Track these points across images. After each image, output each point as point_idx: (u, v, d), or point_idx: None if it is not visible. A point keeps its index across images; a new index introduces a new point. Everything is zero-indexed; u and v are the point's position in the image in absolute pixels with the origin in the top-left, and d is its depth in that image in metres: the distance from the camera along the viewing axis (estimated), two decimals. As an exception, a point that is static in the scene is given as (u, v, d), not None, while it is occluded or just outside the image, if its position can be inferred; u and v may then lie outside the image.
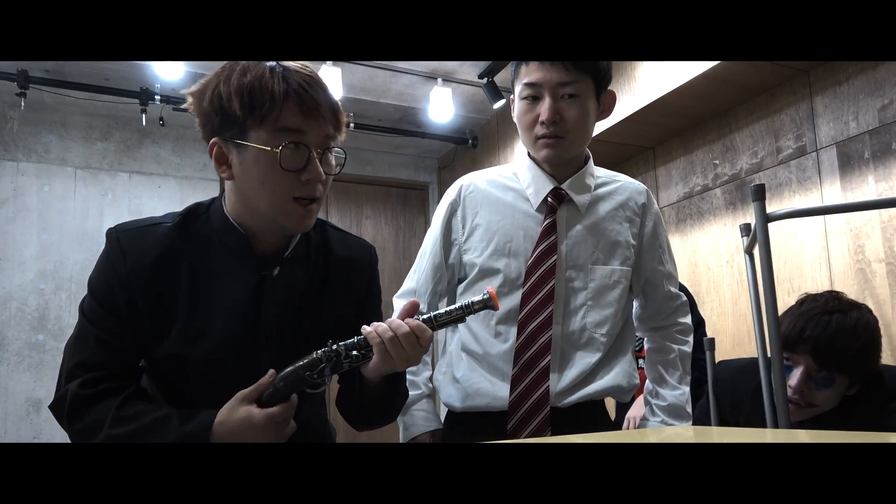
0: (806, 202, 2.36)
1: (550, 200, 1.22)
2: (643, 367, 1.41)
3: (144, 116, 3.28)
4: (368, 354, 0.90)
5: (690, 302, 1.57)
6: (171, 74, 3.06)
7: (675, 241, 2.92)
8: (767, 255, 1.31)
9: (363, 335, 0.90)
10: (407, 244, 4.36)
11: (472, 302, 0.91)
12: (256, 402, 0.89)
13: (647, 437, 0.98)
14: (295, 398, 0.91)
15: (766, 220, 1.31)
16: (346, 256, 1.04)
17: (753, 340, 1.69)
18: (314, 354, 0.89)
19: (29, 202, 3.38)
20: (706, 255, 2.79)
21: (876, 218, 2.11)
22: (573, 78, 1.15)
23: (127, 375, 0.93)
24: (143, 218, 0.97)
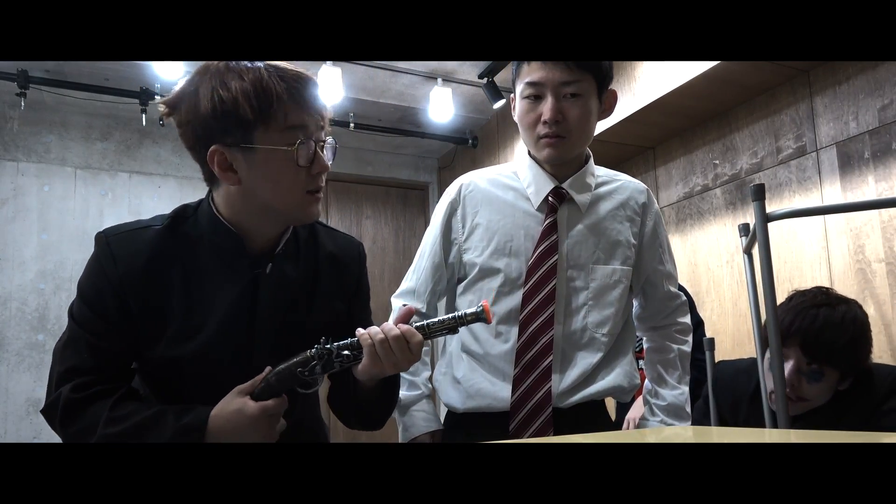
0: (806, 202, 2.36)
1: (551, 200, 1.22)
2: (642, 367, 1.41)
3: (144, 116, 3.28)
4: (359, 356, 0.91)
5: (689, 303, 1.57)
6: (171, 74, 3.06)
7: (675, 241, 2.92)
8: (767, 254, 1.31)
9: (357, 337, 0.91)
10: (407, 244, 4.36)
11: (465, 314, 0.92)
12: (250, 395, 0.90)
13: (646, 437, 0.98)
14: (285, 397, 0.91)
15: (765, 219, 1.31)
16: (335, 253, 1.06)
17: (753, 340, 1.69)
18: (307, 353, 0.90)
19: (29, 202, 3.38)
20: (706, 255, 2.79)
21: (876, 218, 2.11)
22: (575, 77, 1.15)
23: (118, 378, 0.93)
24: (130, 221, 0.97)
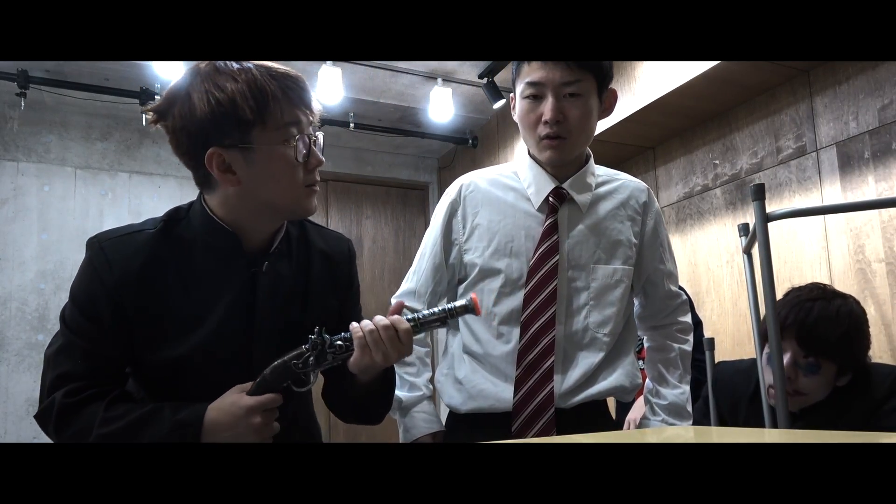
0: (806, 202, 2.36)
1: (552, 200, 1.22)
2: (643, 367, 1.40)
3: (144, 116, 3.27)
4: (352, 346, 0.92)
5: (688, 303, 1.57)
6: (171, 74, 3.06)
7: (675, 241, 2.92)
8: (767, 254, 1.31)
9: (350, 331, 0.93)
10: (407, 244, 4.36)
11: (455, 306, 0.94)
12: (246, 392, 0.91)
13: (647, 437, 0.98)
14: (280, 394, 0.92)
15: (765, 219, 1.31)
16: (325, 250, 1.07)
17: (753, 340, 1.69)
18: (302, 347, 0.92)
19: (29, 202, 3.38)
20: (706, 255, 2.79)
21: (876, 218, 2.11)
22: (576, 77, 1.15)
23: (112, 382, 0.93)
24: (121, 226, 0.97)
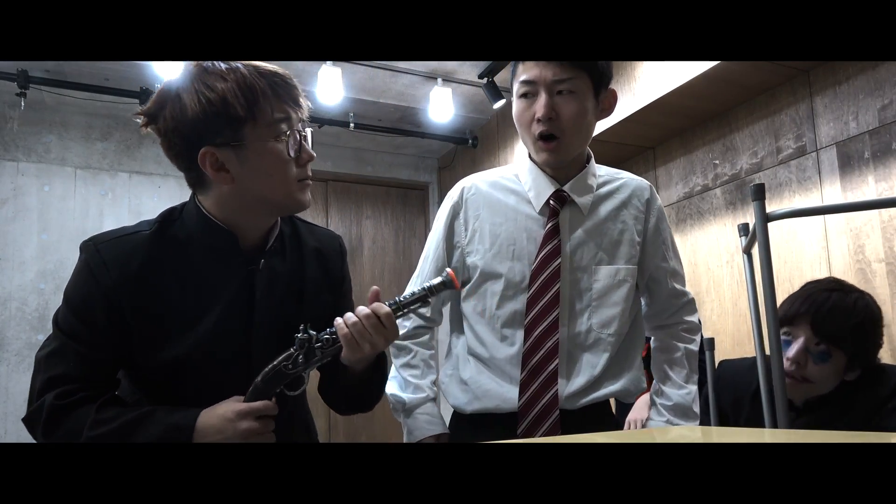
0: (806, 202, 2.36)
1: (552, 203, 1.22)
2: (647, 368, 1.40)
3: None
4: (339, 340, 0.93)
5: None
6: (171, 74, 3.05)
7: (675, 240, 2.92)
8: (767, 255, 1.31)
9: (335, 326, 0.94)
10: (407, 244, 4.35)
11: (433, 284, 0.96)
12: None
13: (646, 437, 0.98)
14: (274, 401, 0.92)
15: (765, 219, 1.31)
16: (317, 247, 1.08)
17: (753, 340, 1.69)
18: (290, 350, 0.93)
19: (29, 202, 3.38)
20: (706, 255, 2.79)
21: (876, 218, 2.11)
22: (568, 75, 1.14)
23: (104, 386, 0.92)
24: (116, 229, 0.96)
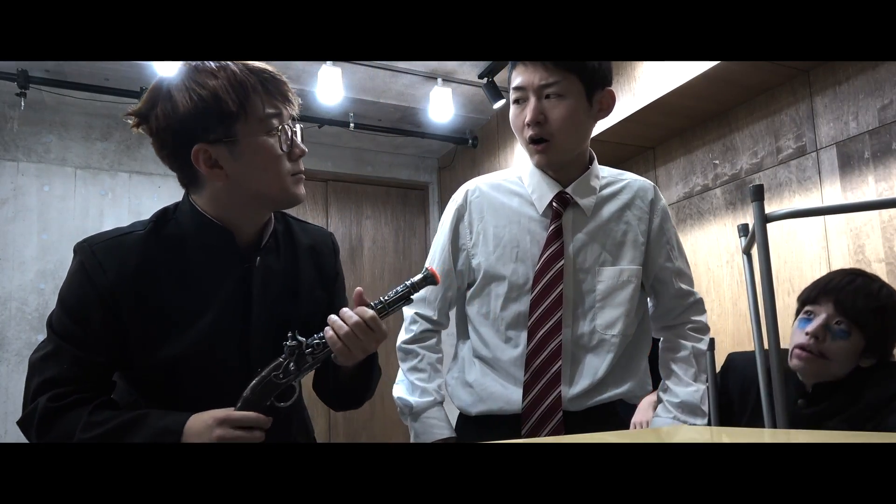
0: (806, 202, 2.36)
1: (555, 205, 1.22)
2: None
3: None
4: (328, 345, 0.93)
5: None
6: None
7: (675, 241, 2.92)
8: (766, 255, 1.31)
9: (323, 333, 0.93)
10: (407, 244, 4.35)
11: (414, 280, 0.97)
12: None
13: (646, 437, 0.98)
14: (262, 415, 0.90)
15: (764, 220, 1.31)
16: (310, 244, 1.09)
17: (753, 341, 1.69)
18: (279, 359, 0.92)
19: (29, 202, 3.38)
20: (706, 255, 2.79)
21: (876, 218, 2.11)
22: (555, 78, 1.14)
23: (98, 389, 0.92)
24: (109, 230, 0.96)
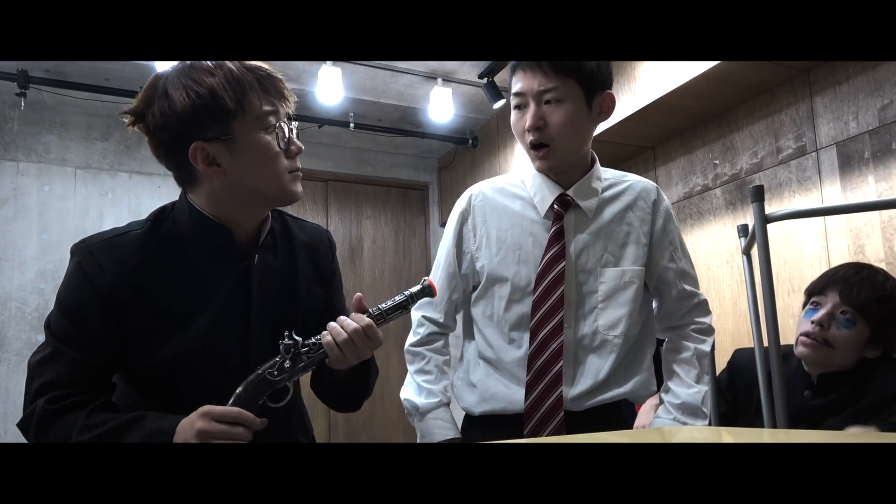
0: (806, 202, 2.36)
1: (557, 207, 1.23)
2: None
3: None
4: (323, 346, 0.93)
5: None
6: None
7: (675, 241, 2.92)
8: (766, 255, 1.31)
9: (322, 336, 0.93)
10: (407, 244, 4.35)
11: (412, 291, 0.98)
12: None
13: (646, 437, 0.98)
14: (254, 416, 0.89)
15: (764, 221, 1.31)
16: (307, 241, 1.09)
17: (753, 341, 1.69)
18: (274, 358, 0.92)
19: (29, 202, 3.38)
20: (706, 255, 2.79)
21: (876, 218, 2.11)
22: (554, 83, 1.15)
23: (97, 391, 0.92)
24: (106, 230, 0.96)
